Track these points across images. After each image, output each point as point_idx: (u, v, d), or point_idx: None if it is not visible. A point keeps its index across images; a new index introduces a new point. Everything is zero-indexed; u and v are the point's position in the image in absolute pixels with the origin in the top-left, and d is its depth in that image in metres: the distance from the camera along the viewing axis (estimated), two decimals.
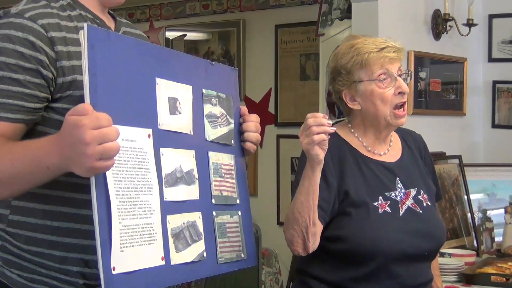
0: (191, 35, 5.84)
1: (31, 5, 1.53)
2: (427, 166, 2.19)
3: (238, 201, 1.79)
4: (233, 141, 1.81)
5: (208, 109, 1.73)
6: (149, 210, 1.48)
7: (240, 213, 1.79)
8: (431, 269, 2.13)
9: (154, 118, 1.53)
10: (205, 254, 1.64)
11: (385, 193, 2.03)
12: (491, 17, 3.69)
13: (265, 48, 5.36)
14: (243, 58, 5.47)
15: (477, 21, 3.48)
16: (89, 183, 1.36)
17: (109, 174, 1.38)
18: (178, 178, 1.58)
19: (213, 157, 1.73)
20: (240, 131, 1.84)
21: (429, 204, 2.09)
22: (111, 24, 1.69)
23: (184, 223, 1.58)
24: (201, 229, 1.64)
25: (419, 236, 2.01)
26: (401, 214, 2.02)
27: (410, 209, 2.04)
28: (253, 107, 5.22)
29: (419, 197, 2.08)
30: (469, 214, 3.29)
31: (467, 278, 2.76)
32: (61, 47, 1.51)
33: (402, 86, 2.01)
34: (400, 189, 2.05)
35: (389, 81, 2.00)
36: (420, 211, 2.06)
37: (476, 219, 3.27)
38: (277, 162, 5.30)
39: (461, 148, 3.53)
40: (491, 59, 3.71)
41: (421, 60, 3.36)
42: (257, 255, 1.91)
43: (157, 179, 1.50)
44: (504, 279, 2.69)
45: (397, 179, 2.07)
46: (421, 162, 2.17)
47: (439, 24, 3.40)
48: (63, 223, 1.55)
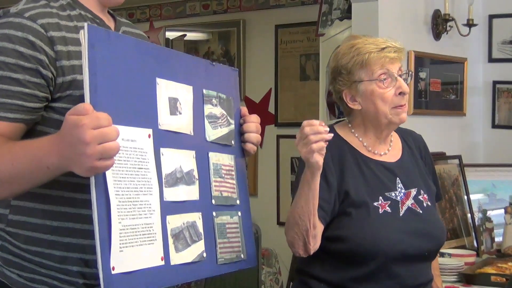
0: (191, 35, 5.84)
1: (30, 5, 1.53)
2: (427, 166, 2.19)
3: (238, 201, 1.79)
4: (233, 142, 1.80)
5: (209, 109, 1.73)
6: (149, 210, 1.47)
7: (240, 213, 1.79)
8: (431, 269, 2.13)
9: (155, 118, 1.53)
10: (204, 255, 1.63)
11: (385, 193, 2.02)
12: (491, 17, 3.68)
13: (265, 48, 5.36)
14: (243, 58, 5.47)
15: (477, 21, 3.48)
16: (89, 183, 1.36)
17: (109, 174, 1.37)
18: (178, 179, 1.58)
19: (213, 157, 1.72)
20: (240, 132, 1.84)
21: (429, 204, 2.09)
22: (110, 24, 1.69)
23: (184, 224, 1.58)
24: (201, 229, 1.64)
25: (419, 236, 2.01)
26: (401, 214, 2.02)
27: (410, 209, 2.04)
28: (253, 107, 5.22)
29: (419, 197, 2.08)
30: (469, 214, 3.29)
31: (467, 278, 2.76)
32: (61, 46, 1.51)
33: (403, 86, 2.00)
34: (400, 189, 2.05)
35: (389, 81, 2.00)
36: (420, 211, 2.06)
37: (476, 219, 3.27)
38: (277, 162, 5.30)
39: (461, 148, 3.53)
40: (491, 59, 3.71)
41: (421, 60, 3.36)
42: (257, 255, 1.90)
43: (157, 179, 1.50)
44: (504, 279, 2.69)
45: (397, 179, 2.07)
46: (421, 162, 2.17)
47: (439, 24, 3.40)
48: (63, 223, 1.55)
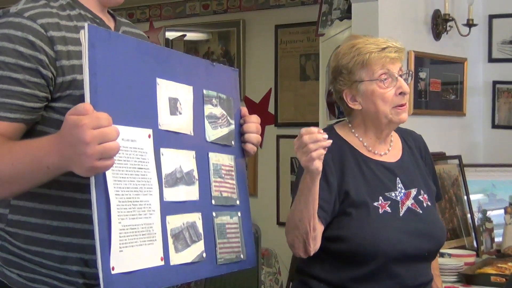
0: (191, 35, 5.84)
1: (30, 5, 1.53)
2: (427, 166, 2.19)
3: (238, 202, 1.79)
4: (233, 142, 1.80)
5: (209, 109, 1.72)
6: (149, 210, 1.47)
7: (240, 214, 1.79)
8: (431, 269, 2.13)
9: (155, 118, 1.53)
10: (204, 255, 1.63)
11: (385, 193, 2.02)
12: (491, 17, 3.68)
13: (265, 48, 5.36)
14: (243, 58, 5.47)
15: (477, 21, 3.48)
16: (89, 182, 1.36)
17: (109, 174, 1.37)
18: (178, 179, 1.58)
19: (213, 157, 1.72)
20: (240, 132, 1.84)
21: (429, 204, 2.09)
22: (110, 24, 1.69)
23: (183, 224, 1.58)
24: (200, 229, 1.63)
25: (419, 237, 2.01)
26: (401, 215, 2.02)
27: (410, 209, 2.04)
28: (253, 107, 5.22)
29: (419, 197, 2.08)
30: (469, 214, 3.29)
31: (467, 278, 2.76)
32: (61, 46, 1.51)
33: (403, 86, 2.00)
34: (400, 189, 2.05)
35: (390, 81, 2.00)
36: (420, 211, 2.06)
37: (476, 219, 3.27)
38: (277, 162, 5.30)
39: (461, 148, 3.53)
40: (491, 59, 3.70)
41: (421, 60, 3.36)
42: (256, 256, 1.90)
43: (157, 179, 1.50)
44: (504, 279, 2.69)
45: (398, 179, 2.07)
46: (421, 162, 2.17)
47: (439, 24, 3.40)
48: (62, 223, 1.55)
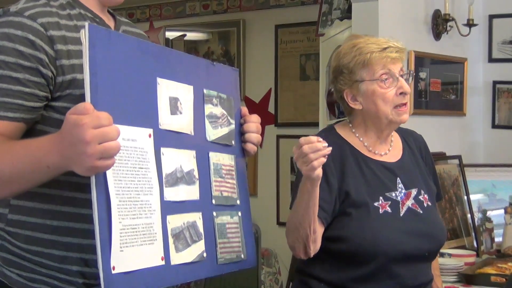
0: (191, 35, 5.84)
1: (30, 4, 1.52)
2: (427, 166, 2.19)
3: (238, 201, 1.79)
4: (233, 142, 1.80)
5: (209, 109, 1.72)
6: (149, 210, 1.47)
7: (240, 213, 1.79)
8: (431, 269, 2.13)
9: (155, 118, 1.53)
10: (205, 255, 1.63)
11: (385, 194, 2.02)
12: (491, 17, 3.68)
13: (265, 48, 5.36)
14: (243, 58, 5.47)
15: (477, 21, 3.48)
16: (89, 182, 1.36)
17: (109, 173, 1.37)
18: (179, 178, 1.58)
19: (214, 157, 1.72)
20: (240, 132, 1.83)
21: (429, 204, 2.09)
22: (110, 23, 1.69)
23: (184, 223, 1.58)
24: (201, 229, 1.63)
25: (419, 237, 2.01)
26: (401, 215, 2.02)
27: (410, 209, 2.04)
28: (253, 107, 5.22)
29: (420, 197, 2.08)
30: (469, 214, 3.29)
31: (467, 278, 2.76)
32: (61, 45, 1.50)
33: (404, 86, 2.00)
34: (400, 190, 2.05)
35: (391, 81, 2.00)
36: (421, 211, 2.06)
37: (476, 219, 3.27)
38: (277, 162, 5.30)
39: (461, 148, 3.53)
40: (491, 59, 3.70)
41: (421, 60, 3.36)
42: (256, 255, 1.90)
43: (157, 179, 1.50)
44: (504, 279, 2.69)
45: (398, 179, 2.06)
46: (421, 162, 2.17)
47: (439, 24, 3.40)
48: (62, 222, 1.55)
